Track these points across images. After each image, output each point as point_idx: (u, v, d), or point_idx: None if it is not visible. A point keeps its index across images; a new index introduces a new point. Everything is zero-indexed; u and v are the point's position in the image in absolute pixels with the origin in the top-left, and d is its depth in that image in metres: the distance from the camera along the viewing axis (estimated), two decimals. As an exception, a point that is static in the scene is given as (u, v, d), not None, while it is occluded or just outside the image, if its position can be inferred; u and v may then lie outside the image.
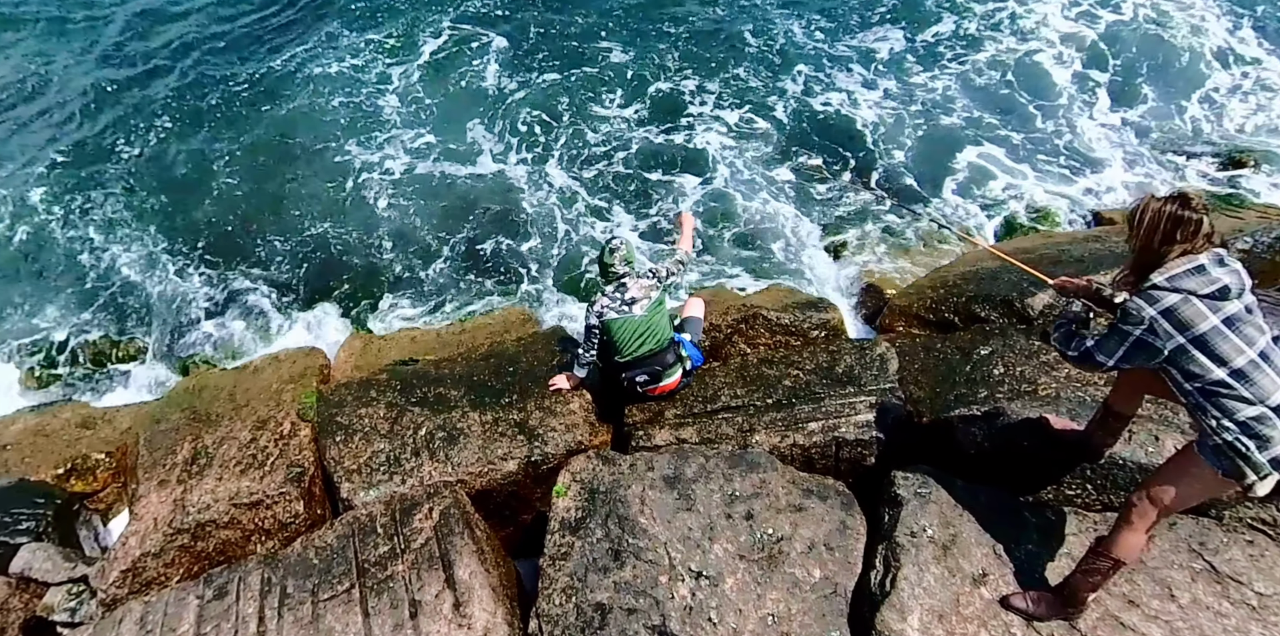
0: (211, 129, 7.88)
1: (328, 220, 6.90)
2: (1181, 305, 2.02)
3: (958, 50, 8.26)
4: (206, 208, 7.10)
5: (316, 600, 2.85)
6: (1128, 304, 2.10)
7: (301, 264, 6.63)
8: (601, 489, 3.13)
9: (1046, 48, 8.20)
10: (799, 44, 8.39)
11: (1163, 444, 2.91)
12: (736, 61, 8.15)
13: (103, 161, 7.64)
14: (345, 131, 7.64)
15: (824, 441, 3.35)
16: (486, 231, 6.65)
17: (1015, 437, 3.13)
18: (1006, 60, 8.03)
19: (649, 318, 3.52)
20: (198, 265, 6.72)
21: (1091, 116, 7.40)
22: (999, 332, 4.00)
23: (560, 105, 7.67)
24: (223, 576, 3.11)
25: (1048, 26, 8.48)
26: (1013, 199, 6.52)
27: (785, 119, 7.47)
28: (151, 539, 3.52)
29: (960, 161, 6.94)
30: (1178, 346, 2.04)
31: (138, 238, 6.95)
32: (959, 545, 2.73)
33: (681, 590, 2.71)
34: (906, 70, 8.02)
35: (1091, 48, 8.13)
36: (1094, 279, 2.53)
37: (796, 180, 6.84)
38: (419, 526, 3.08)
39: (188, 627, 2.87)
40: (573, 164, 7.13)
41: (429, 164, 7.20)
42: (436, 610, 2.68)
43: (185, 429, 4.42)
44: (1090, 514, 2.90)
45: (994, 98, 7.66)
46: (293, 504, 3.68)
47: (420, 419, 3.86)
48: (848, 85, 7.83)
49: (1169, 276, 2.05)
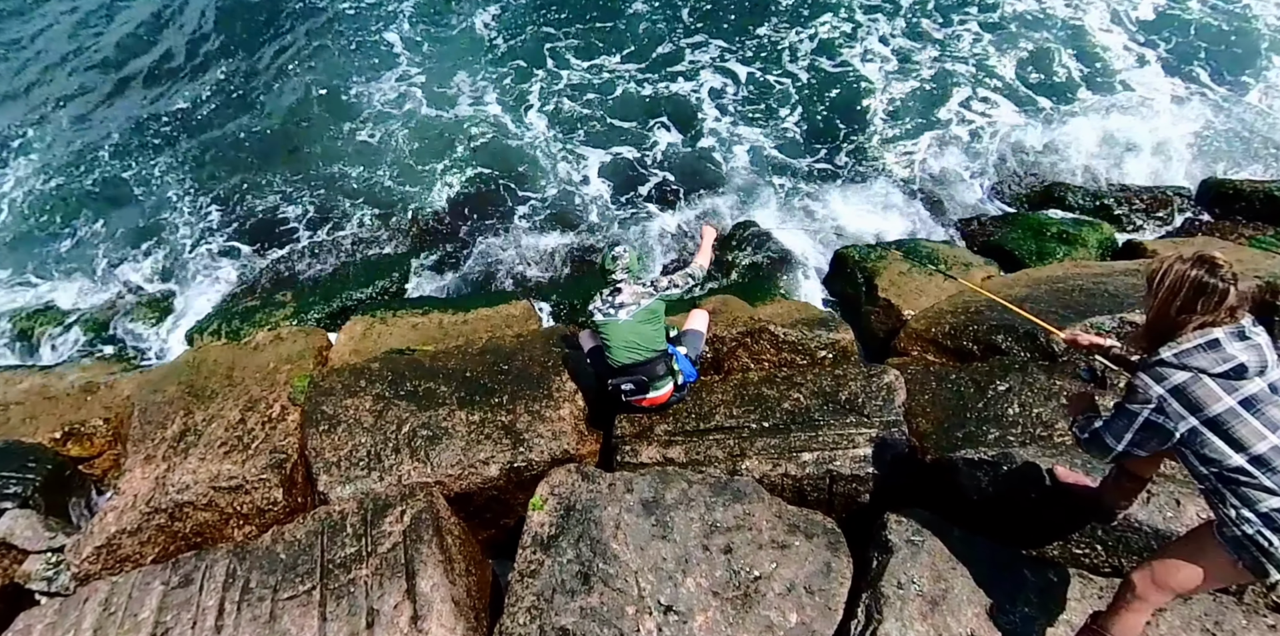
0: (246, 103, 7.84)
1: (347, 187, 6.87)
2: (1191, 383, 1.84)
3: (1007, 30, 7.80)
4: (226, 169, 7.10)
5: (277, 598, 2.79)
6: (1134, 381, 1.93)
7: (317, 237, 6.61)
8: (578, 506, 3.01)
9: (1100, 26, 7.69)
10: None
11: (1184, 510, 2.68)
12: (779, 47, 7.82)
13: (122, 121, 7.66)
14: (362, 103, 7.53)
15: (817, 473, 3.17)
16: (508, 212, 6.55)
17: (1023, 487, 2.92)
18: (1056, 47, 7.55)
19: (635, 325, 3.40)
20: (209, 231, 6.72)
21: (1142, 115, 6.92)
22: (1019, 368, 3.76)
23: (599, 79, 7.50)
24: (190, 564, 3.07)
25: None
26: (1042, 216, 6.15)
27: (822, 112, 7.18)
28: (129, 516, 3.50)
29: (984, 168, 6.59)
30: (1190, 428, 1.86)
31: (150, 197, 6.97)
32: (949, 602, 2.56)
33: (648, 623, 2.58)
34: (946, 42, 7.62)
35: (1154, 30, 7.62)
36: (1128, 322, 2.31)
37: (817, 179, 6.60)
38: (388, 530, 2.99)
39: (148, 614, 2.84)
40: (609, 144, 6.95)
41: (465, 132, 7.07)
42: (393, 622, 2.60)
43: (179, 403, 4.41)
44: (1097, 578, 2.69)
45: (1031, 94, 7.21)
46: (272, 491, 3.64)
47: (405, 414, 3.78)
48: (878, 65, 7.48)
49: (1178, 352, 1.86)
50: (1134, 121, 6.73)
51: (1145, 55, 7.40)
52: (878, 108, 7.11)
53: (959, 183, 6.44)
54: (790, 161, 6.74)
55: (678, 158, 6.85)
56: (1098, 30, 7.75)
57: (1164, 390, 1.87)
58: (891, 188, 6.44)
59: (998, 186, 6.47)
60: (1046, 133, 6.73)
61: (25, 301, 6.39)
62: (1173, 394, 1.86)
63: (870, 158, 6.71)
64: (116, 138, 7.56)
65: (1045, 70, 7.38)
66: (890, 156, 6.70)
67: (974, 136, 6.76)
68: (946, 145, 6.75)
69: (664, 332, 3.54)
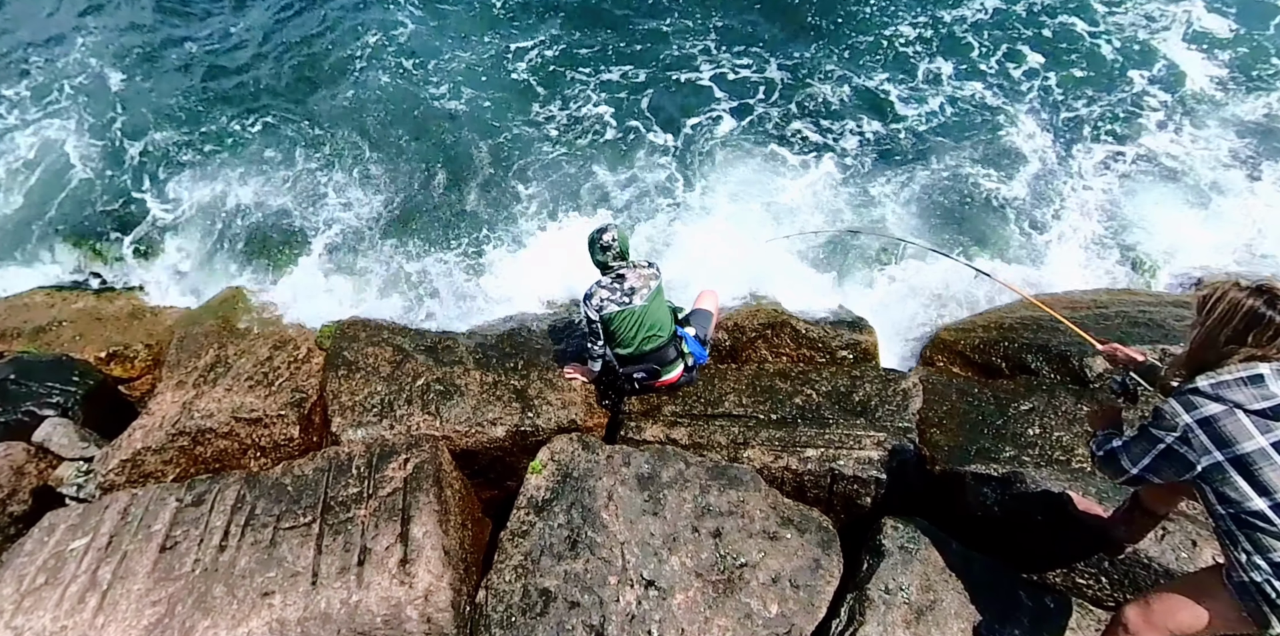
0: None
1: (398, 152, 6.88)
2: (1224, 417, 1.73)
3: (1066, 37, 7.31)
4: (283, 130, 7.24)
5: (279, 526, 2.91)
6: (1162, 406, 1.83)
7: (366, 195, 6.67)
8: (575, 474, 3.04)
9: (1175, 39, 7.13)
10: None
11: (1199, 552, 2.56)
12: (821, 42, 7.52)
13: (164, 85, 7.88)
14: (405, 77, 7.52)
15: (819, 471, 3.13)
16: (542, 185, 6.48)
17: (1030, 508, 2.83)
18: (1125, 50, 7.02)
19: (649, 308, 3.33)
20: (258, 190, 6.83)
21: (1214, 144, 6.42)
22: (1046, 389, 3.62)
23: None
24: (204, 485, 3.22)
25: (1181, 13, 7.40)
26: (1092, 239, 5.79)
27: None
28: (155, 435, 3.69)
29: (1026, 181, 6.18)
30: (1214, 464, 1.76)
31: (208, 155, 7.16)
32: (936, 613, 2.51)
33: (628, 595, 2.61)
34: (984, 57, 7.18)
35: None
36: (1169, 354, 2.20)
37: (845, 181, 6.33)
38: (390, 475, 3.08)
39: (161, 526, 2.99)
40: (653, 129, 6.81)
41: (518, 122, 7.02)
42: (383, 562, 2.68)
43: (214, 336, 4.60)
44: (1097, 610, 2.60)
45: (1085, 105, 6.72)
46: (289, 427, 3.77)
47: (422, 368, 3.86)
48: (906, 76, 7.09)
49: (1215, 382, 1.75)
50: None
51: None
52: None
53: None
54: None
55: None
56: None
57: (1192, 420, 1.77)
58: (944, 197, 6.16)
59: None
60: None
61: (94, 227, 6.68)
62: (1201, 425, 1.76)
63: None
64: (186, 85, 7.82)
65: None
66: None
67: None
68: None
69: (673, 314, 3.52)
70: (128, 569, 2.82)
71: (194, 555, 2.83)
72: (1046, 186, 6.12)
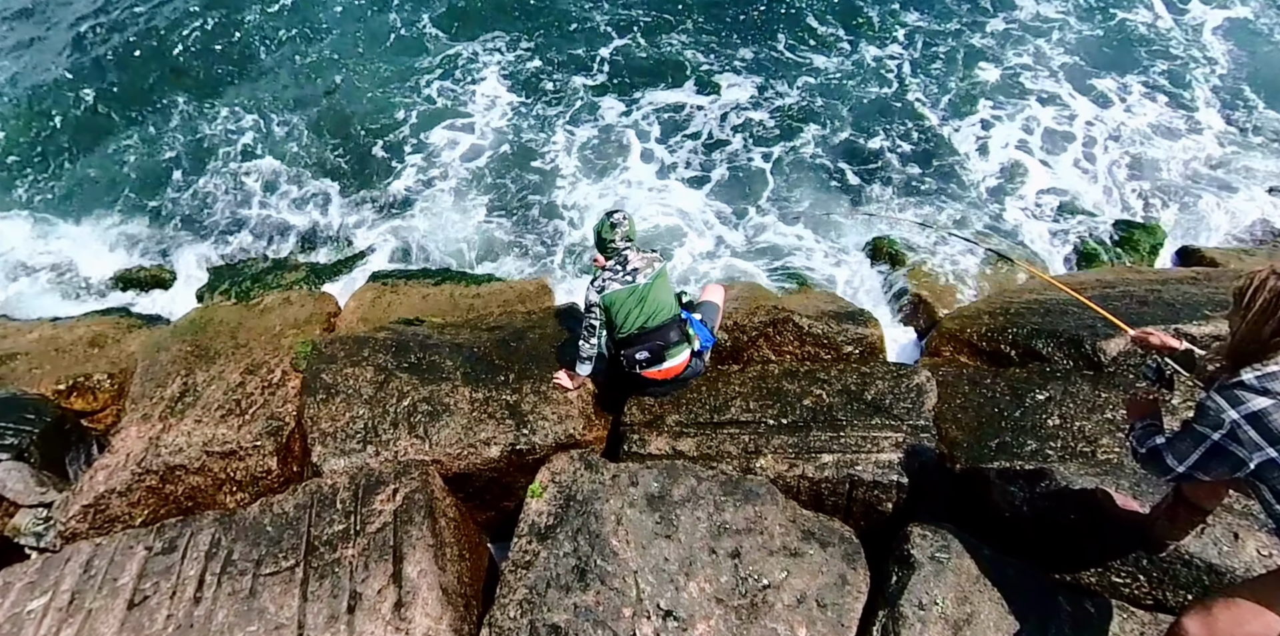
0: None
1: (371, 159, 6.71)
2: (1274, 411, 1.63)
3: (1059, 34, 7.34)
4: (256, 131, 6.95)
5: (259, 573, 2.67)
6: (1205, 402, 1.72)
7: (334, 200, 6.49)
8: (579, 496, 2.83)
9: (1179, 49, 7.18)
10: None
11: (1243, 545, 2.43)
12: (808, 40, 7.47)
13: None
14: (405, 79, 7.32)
15: (837, 477, 2.96)
16: (529, 192, 6.35)
17: (1062, 506, 2.68)
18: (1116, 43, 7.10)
19: (652, 286, 3.23)
20: (228, 192, 6.63)
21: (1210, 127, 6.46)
22: (1060, 376, 3.49)
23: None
24: (175, 529, 2.97)
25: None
26: (1095, 220, 5.79)
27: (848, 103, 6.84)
28: (120, 476, 3.41)
29: (1032, 168, 6.21)
30: (1268, 460, 1.65)
31: (175, 157, 6.88)
32: (974, 627, 2.35)
33: (645, 628, 2.41)
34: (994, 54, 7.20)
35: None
36: (1184, 335, 2.06)
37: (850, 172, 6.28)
38: (379, 508, 2.85)
39: (128, 579, 2.74)
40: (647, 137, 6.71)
41: (498, 125, 6.87)
42: (375, 609, 2.46)
43: (181, 362, 4.31)
44: (1139, 612, 2.46)
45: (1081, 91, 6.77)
46: (266, 459, 3.51)
47: (407, 387, 3.62)
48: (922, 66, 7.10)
49: (1262, 374, 1.65)
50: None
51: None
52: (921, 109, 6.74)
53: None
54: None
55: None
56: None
57: (1239, 415, 1.66)
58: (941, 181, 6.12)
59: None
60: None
61: (44, 255, 6.33)
62: (1249, 420, 1.65)
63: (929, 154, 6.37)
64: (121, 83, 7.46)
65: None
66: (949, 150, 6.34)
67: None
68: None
69: (677, 298, 3.36)
70: (92, 630, 2.56)
71: (165, 610, 2.58)
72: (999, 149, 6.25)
